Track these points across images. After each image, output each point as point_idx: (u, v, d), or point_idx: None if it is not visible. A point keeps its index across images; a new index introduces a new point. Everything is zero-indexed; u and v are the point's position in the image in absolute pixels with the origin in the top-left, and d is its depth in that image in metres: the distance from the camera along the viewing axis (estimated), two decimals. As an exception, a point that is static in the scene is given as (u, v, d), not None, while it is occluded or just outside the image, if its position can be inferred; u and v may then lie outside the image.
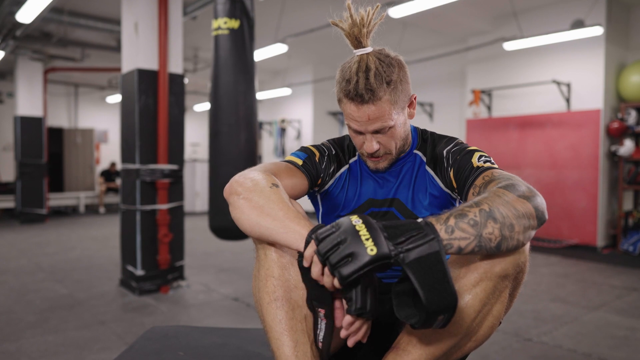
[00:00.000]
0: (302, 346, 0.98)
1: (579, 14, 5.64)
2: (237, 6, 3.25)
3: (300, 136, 9.69)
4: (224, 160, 3.24)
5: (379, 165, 1.23)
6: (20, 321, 3.21)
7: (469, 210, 0.88)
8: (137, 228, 3.84)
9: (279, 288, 1.01)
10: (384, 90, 1.10)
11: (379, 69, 1.10)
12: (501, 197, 0.91)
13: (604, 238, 5.84)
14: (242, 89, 3.26)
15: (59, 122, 11.32)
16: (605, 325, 3.17)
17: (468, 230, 0.86)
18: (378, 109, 1.11)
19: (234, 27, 3.23)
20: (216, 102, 3.28)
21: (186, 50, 7.89)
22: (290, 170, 1.20)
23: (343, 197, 1.30)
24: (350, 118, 1.15)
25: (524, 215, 0.90)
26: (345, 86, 1.12)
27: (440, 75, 7.92)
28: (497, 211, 0.88)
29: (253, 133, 3.36)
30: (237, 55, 3.24)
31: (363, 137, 1.18)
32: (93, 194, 10.45)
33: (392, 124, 1.14)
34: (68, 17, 5.84)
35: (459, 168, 1.15)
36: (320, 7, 5.93)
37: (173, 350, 1.37)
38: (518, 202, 0.91)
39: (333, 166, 1.30)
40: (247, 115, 3.29)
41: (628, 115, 5.70)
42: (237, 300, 3.72)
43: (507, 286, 0.99)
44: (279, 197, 1.01)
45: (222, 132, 3.25)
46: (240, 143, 3.25)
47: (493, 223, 0.87)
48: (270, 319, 1.01)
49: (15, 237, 6.81)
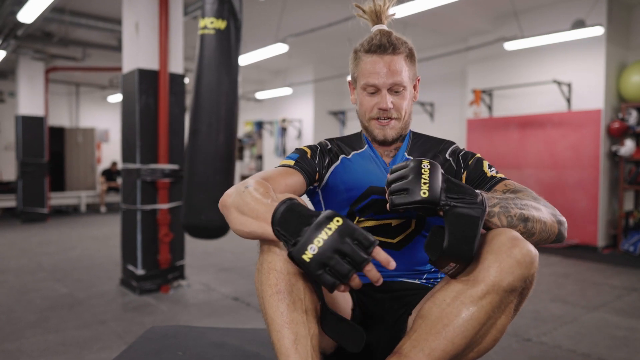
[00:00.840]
0: (302, 339, 0.99)
1: (580, 14, 5.63)
2: (225, 7, 3.23)
3: (301, 136, 9.69)
4: (201, 159, 3.21)
5: (386, 132, 1.27)
6: (20, 320, 3.22)
7: (513, 208, 1.03)
8: (137, 227, 3.85)
9: (281, 281, 1.01)
10: (403, 47, 1.24)
11: (396, 35, 1.26)
12: (540, 209, 1.06)
13: (604, 238, 5.84)
14: (224, 90, 3.23)
15: (60, 122, 11.34)
16: (604, 326, 3.17)
17: (503, 222, 1.02)
18: (397, 61, 1.22)
19: (220, 27, 3.21)
20: (197, 100, 3.25)
21: (187, 49, 7.88)
22: (284, 172, 1.23)
23: (344, 187, 1.31)
24: (369, 74, 1.23)
25: (546, 231, 1.05)
26: (367, 44, 1.24)
27: (441, 75, 7.91)
28: (531, 220, 1.03)
29: (232, 134, 3.33)
30: (222, 56, 3.22)
31: (378, 96, 1.25)
32: (94, 194, 10.47)
33: (406, 85, 1.24)
34: (69, 16, 5.86)
35: (472, 172, 1.26)
36: (321, 6, 5.93)
37: (172, 350, 1.38)
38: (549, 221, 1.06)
39: (327, 158, 1.34)
40: (227, 116, 3.26)
41: (629, 115, 5.70)
42: (237, 300, 3.73)
43: (513, 300, 0.99)
44: (254, 194, 1.01)
45: (200, 131, 3.22)
46: (219, 143, 3.23)
47: (522, 226, 1.02)
48: (272, 312, 1.00)
49: (16, 236, 6.83)
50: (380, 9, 1.28)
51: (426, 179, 0.94)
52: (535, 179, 6.19)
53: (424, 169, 0.96)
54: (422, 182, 0.94)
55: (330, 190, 1.33)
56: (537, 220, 1.03)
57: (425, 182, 0.94)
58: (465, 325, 0.96)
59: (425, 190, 0.93)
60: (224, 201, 1.09)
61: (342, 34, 6.77)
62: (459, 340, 0.97)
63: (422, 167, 0.96)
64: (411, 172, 0.96)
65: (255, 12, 5.93)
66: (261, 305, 1.04)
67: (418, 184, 0.94)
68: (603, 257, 5.50)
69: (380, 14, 1.29)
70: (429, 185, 0.94)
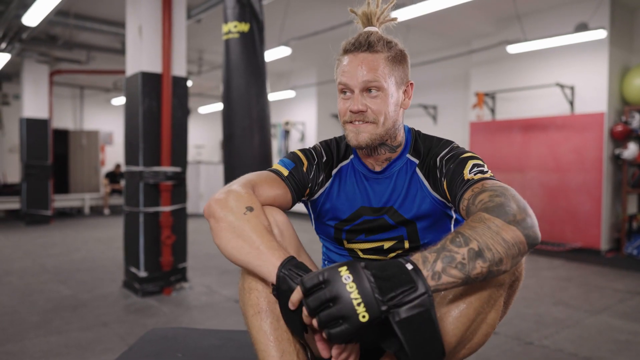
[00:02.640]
0: (288, 355, 0.99)
1: (583, 17, 5.63)
2: (246, 10, 3.27)
3: (304, 138, 9.71)
4: (238, 162, 3.26)
5: (359, 137, 1.14)
6: (23, 322, 3.23)
7: (457, 251, 0.83)
8: (140, 230, 3.86)
9: (263, 300, 1.02)
10: (382, 47, 1.13)
11: (381, 35, 1.16)
12: (490, 227, 0.86)
13: (607, 241, 5.81)
14: (254, 92, 3.27)
15: (64, 124, 11.39)
16: (607, 329, 3.16)
17: (455, 275, 0.82)
18: (373, 59, 1.12)
19: (244, 30, 3.25)
20: (229, 105, 3.30)
21: (191, 52, 7.92)
22: (273, 181, 1.18)
23: (334, 206, 1.26)
24: (342, 73, 1.14)
25: (514, 245, 0.86)
26: (345, 44, 1.17)
27: (444, 78, 7.92)
28: (486, 249, 0.84)
29: (267, 135, 3.37)
30: (248, 59, 3.26)
31: (351, 97, 1.13)
32: (98, 196, 10.51)
33: (385, 86, 1.12)
34: (74, 20, 5.90)
35: (451, 179, 1.11)
36: (324, 10, 5.95)
37: (172, 352, 1.38)
38: (507, 231, 0.86)
39: (322, 175, 1.26)
40: (260, 117, 3.30)
41: (632, 118, 5.69)
42: (238, 303, 3.73)
43: (502, 294, 0.99)
44: (255, 222, 1.01)
45: (235, 135, 3.27)
46: (254, 145, 3.27)
47: (482, 263, 0.83)
48: (256, 332, 1.02)
49: (20, 238, 6.86)
50: (370, 12, 1.21)
51: (357, 297, 0.76)
52: (538, 182, 6.17)
53: (348, 285, 0.77)
54: (355, 304, 0.76)
55: (320, 207, 1.29)
56: (493, 245, 0.84)
57: (359, 303, 0.76)
58: (456, 323, 0.97)
59: (363, 313, 0.76)
60: (213, 211, 1.04)
61: (345, 37, 6.71)
62: (449, 338, 0.97)
63: (345, 282, 0.78)
64: (336, 292, 0.77)
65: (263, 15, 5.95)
66: (246, 325, 1.06)
67: (352, 307, 0.76)
68: (606, 260, 5.48)
69: (371, 17, 1.21)
70: (365, 304, 0.76)
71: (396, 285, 0.78)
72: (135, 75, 3.92)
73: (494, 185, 1.00)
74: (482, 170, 1.07)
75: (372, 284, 0.78)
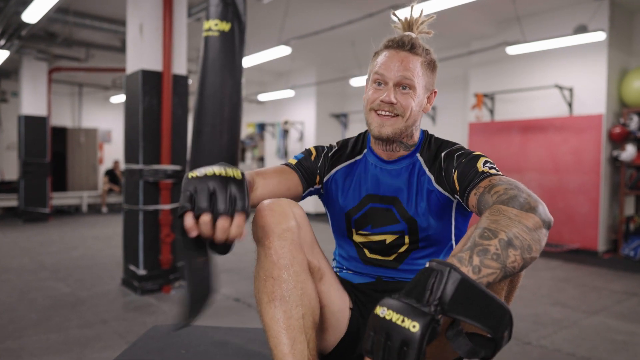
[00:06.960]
0: (299, 344, 1.01)
1: (582, 19, 5.65)
2: (229, 9, 3.26)
3: (303, 138, 9.71)
4: (204, 160, 3.24)
5: (383, 128, 1.22)
6: (22, 319, 3.23)
7: (489, 243, 0.84)
8: (139, 228, 3.86)
9: (278, 288, 1.04)
10: (421, 52, 1.25)
11: (421, 42, 1.28)
12: (510, 217, 0.89)
13: (605, 243, 5.84)
14: (228, 91, 3.26)
15: (62, 122, 11.37)
16: (604, 330, 3.18)
17: (493, 266, 0.82)
18: (412, 60, 1.22)
19: (224, 29, 3.24)
20: (201, 102, 3.28)
21: (191, 51, 7.90)
22: (279, 169, 1.30)
23: (343, 194, 1.32)
24: (380, 65, 1.23)
25: (535, 230, 0.88)
26: (386, 41, 1.26)
27: (443, 78, 7.93)
28: (514, 237, 0.85)
29: (236, 135, 3.35)
30: (226, 58, 3.25)
31: (384, 89, 1.22)
32: (96, 194, 10.49)
33: (416, 86, 1.22)
34: (73, 17, 5.88)
35: (464, 171, 1.15)
36: (324, 9, 5.95)
37: (175, 348, 1.39)
38: (527, 218, 0.89)
39: (330, 162, 1.36)
40: (231, 117, 3.28)
41: (630, 120, 5.71)
42: (239, 301, 3.74)
43: (502, 288, 1.00)
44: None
45: (204, 132, 3.24)
46: (222, 144, 3.26)
47: (514, 251, 0.84)
48: (269, 319, 1.04)
49: (18, 235, 6.85)
50: (412, 19, 1.32)
51: (399, 317, 0.73)
52: (537, 183, 6.19)
53: (387, 315, 0.74)
54: (400, 324, 0.72)
55: (331, 195, 1.35)
56: (518, 233, 0.86)
57: (403, 320, 0.73)
58: None
59: (411, 325, 0.72)
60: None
61: (345, 37, 6.79)
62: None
63: (382, 315, 0.75)
64: (384, 330, 0.74)
65: (258, 14, 5.95)
66: (259, 312, 1.07)
67: (401, 329, 0.72)
68: (603, 261, 5.50)
69: (412, 24, 1.32)
70: (408, 317, 0.72)
71: (424, 285, 0.76)
72: (135, 73, 3.92)
73: (508, 179, 1.05)
74: (494, 167, 1.14)
75: (404, 299, 0.75)
